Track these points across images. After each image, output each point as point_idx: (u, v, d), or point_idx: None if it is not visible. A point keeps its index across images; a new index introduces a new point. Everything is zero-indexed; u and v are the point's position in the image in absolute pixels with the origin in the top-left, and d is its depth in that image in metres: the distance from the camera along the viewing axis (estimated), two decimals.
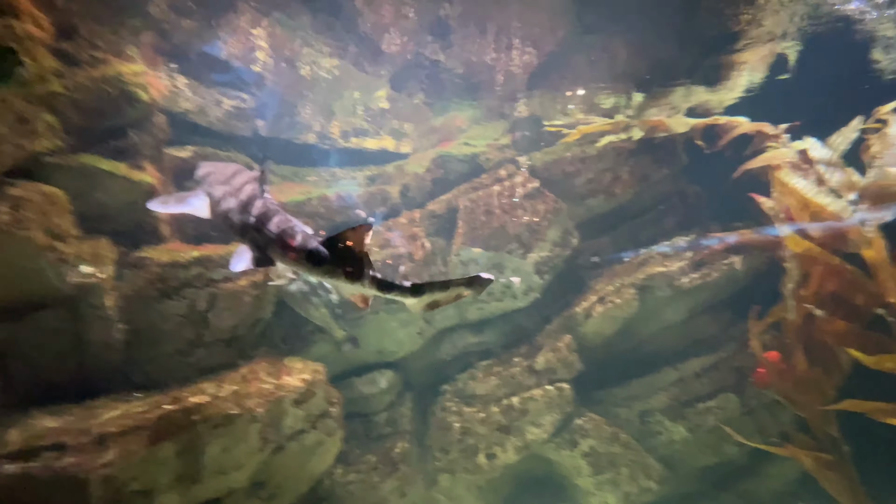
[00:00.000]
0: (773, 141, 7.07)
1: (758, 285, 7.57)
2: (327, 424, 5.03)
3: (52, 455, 2.96)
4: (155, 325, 4.25)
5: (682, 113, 8.01)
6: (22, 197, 3.21)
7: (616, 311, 7.34)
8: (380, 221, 8.17)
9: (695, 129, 7.55)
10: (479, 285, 3.20)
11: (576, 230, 8.19)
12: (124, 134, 4.81)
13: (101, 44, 4.52)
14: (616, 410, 7.76)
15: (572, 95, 8.02)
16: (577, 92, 7.99)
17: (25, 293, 3.42)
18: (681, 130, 7.62)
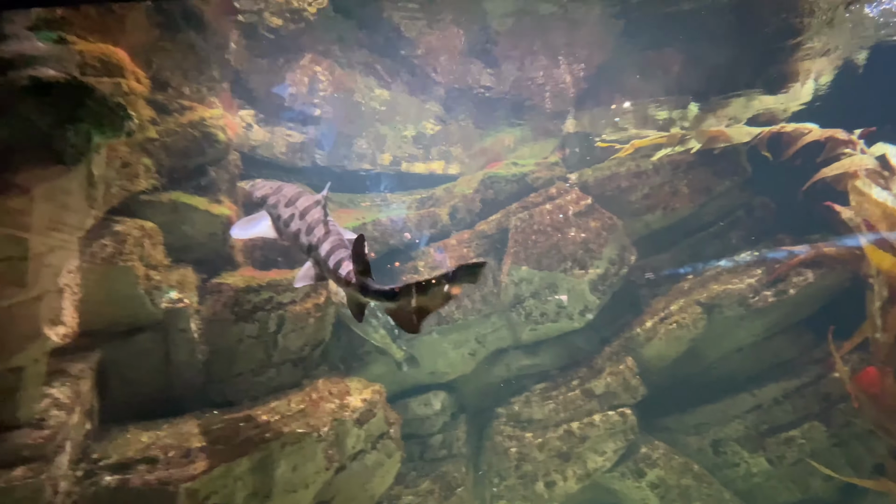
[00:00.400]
0: (847, 147, 6.53)
1: (841, 303, 6.90)
2: (387, 445, 5.05)
3: (144, 468, 3.20)
4: (231, 347, 4.52)
5: (744, 122, 7.61)
6: (123, 231, 3.61)
7: (681, 331, 6.91)
8: (425, 243, 8.26)
9: (760, 138, 7.12)
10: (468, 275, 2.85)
11: (633, 247, 7.89)
12: (205, 171, 5.27)
13: (187, 92, 5.04)
14: (686, 439, 7.22)
15: (623, 110, 7.86)
16: (628, 106, 7.82)
17: (124, 318, 3.79)
18: (742, 140, 7.21)
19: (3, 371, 2.47)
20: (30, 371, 2.60)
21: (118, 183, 3.71)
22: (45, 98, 2.63)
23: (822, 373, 6.61)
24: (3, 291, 2.32)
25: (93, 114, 2.82)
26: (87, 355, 3.48)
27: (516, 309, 7.64)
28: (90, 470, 3.19)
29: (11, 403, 2.56)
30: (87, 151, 2.73)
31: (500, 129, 8.81)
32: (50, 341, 2.57)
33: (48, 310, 2.55)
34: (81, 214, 2.74)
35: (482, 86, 7.83)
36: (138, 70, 4.12)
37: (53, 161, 2.56)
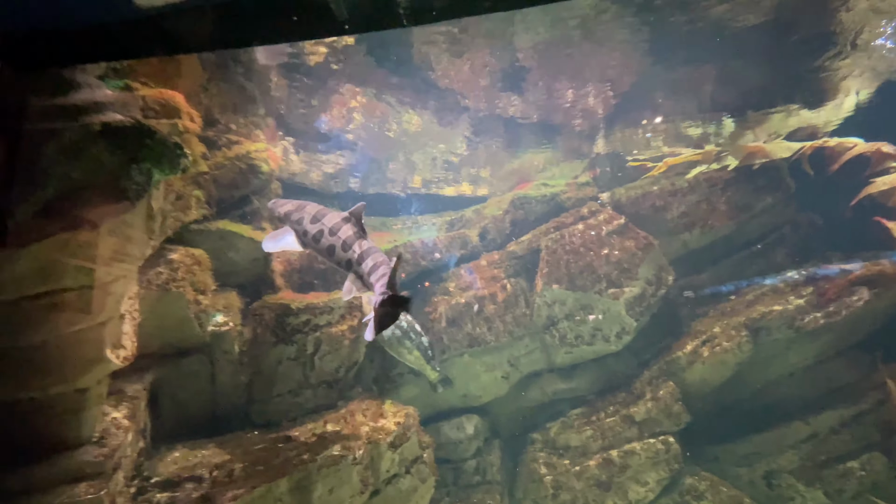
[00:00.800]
0: (895, 161, 6.20)
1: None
2: (421, 470, 5.03)
3: (191, 486, 3.33)
4: (271, 368, 4.70)
5: (783, 137, 7.37)
6: (176, 259, 3.88)
7: (726, 355, 6.61)
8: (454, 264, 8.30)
9: (802, 154, 6.87)
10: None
11: (671, 267, 7.68)
12: (249, 201, 5.60)
13: (234, 128, 5.41)
14: (735, 470, 6.82)
15: (654, 128, 7.78)
16: (659, 123, 7.73)
17: (175, 341, 4.04)
18: (782, 156, 6.98)
19: (70, 392, 2.68)
20: (93, 392, 2.80)
21: (173, 214, 4.00)
22: (114, 141, 2.90)
23: (882, 399, 6.14)
24: (73, 318, 2.54)
25: (154, 154, 3.08)
26: (142, 376, 3.70)
27: (550, 331, 7.54)
28: (142, 487, 3.35)
29: (76, 422, 2.76)
30: (148, 188, 2.98)
31: (529, 150, 8.87)
32: (112, 364, 2.77)
33: (111, 334, 2.76)
34: (142, 245, 2.97)
35: (510, 110, 7.96)
36: (192, 110, 4.48)
37: (119, 198, 2.81)
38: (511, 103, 7.75)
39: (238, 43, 3.57)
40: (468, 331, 7.58)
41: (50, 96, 2.80)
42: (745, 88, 6.71)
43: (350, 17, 2.17)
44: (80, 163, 2.78)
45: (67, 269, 2.50)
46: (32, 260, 2.39)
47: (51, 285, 2.47)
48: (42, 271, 2.43)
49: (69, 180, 2.74)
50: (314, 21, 2.18)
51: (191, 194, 4.37)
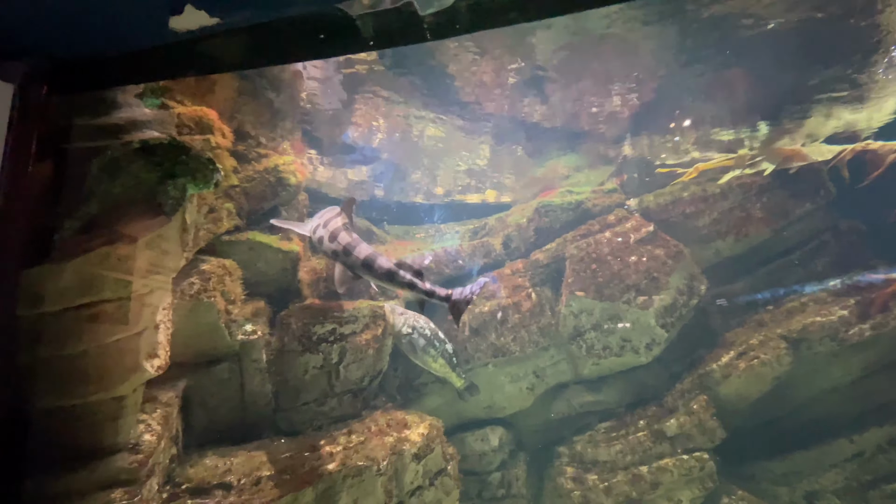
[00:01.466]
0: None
1: None
2: (445, 483, 4.99)
3: (220, 493, 3.41)
4: (297, 377, 4.77)
5: (821, 141, 7.05)
6: (208, 270, 4.01)
7: (763, 368, 6.32)
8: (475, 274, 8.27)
9: (841, 158, 6.55)
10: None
11: (703, 276, 7.43)
12: (277, 212, 5.73)
13: (264, 142, 5.58)
14: (774, 489, 6.49)
15: (684, 133, 7.58)
16: (689, 127, 7.52)
17: (206, 349, 4.17)
18: (820, 159, 6.66)
19: (108, 400, 2.79)
20: (129, 400, 2.91)
21: (205, 227, 4.13)
22: (151, 157, 3.03)
23: None
24: (112, 329, 2.65)
25: (189, 169, 3.20)
26: (175, 384, 3.81)
27: (576, 342, 7.39)
28: (173, 493, 3.44)
29: (113, 429, 2.86)
30: (183, 202, 3.10)
31: (554, 157, 8.79)
32: (147, 373, 2.87)
33: (147, 344, 2.87)
34: (176, 258, 3.09)
35: (534, 115, 7.90)
36: (224, 126, 4.64)
37: (156, 212, 2.92)
38: (534, 108, 7.70)
39: (268, 62, 3.68)
40: (492, 341, 7.51)
41: (92, 116, 2.95)
42: (781, 90, 6.46)
43: (376, 34, 2.20)
44: (121, 179, 2.91)
45: (107, 282, 2.61)
46: (75, 273, 2.51)
47: (92, 297, 2.59)
48: (84, 284, 2.55)
49: (110, 196, 2.87)
50: (341, 39, 2.23)
51: (222, 207, 4.51)
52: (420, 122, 8.45)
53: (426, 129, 8.56)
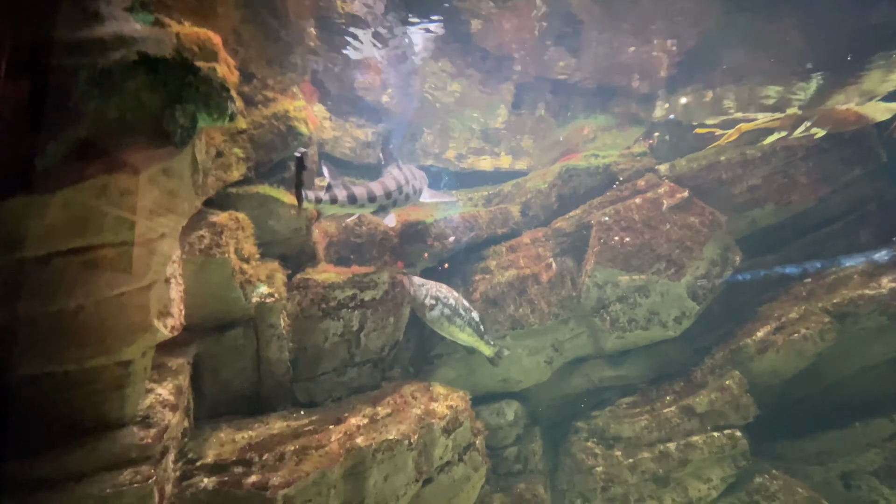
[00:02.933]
0: None
1: None
2: (473, 458, 4.66)
3: (241, 470, 3.01)
4: (317, 345, 4.35)
5: (880, 99, 6.49)
6: (219, 223, 3.49)
7: (805, 343, 5.98)
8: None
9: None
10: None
11: (737, 247, 7.03)
12: (286, 166, 5.15)
13: (271, 84, 4.96)
14: (805, 469, 6.27)
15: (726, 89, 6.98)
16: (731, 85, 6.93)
17: (218, 312, 3.70)
18: (881, 119, 6.12)
19: (111, 365, 2.33)
20: (137, 365, 2.44)
21: (214, 173, 3.59)
22: (154, 76, 2.48)
23: None
24: (113, 279, 2.16)
25: (199, 94, 2.65)
26: (185, 350, 3.36)
27: (600, 314, 7.02)
28: (187, 471, 3.04)
29: (118, 400, 2.41)
30: (193, 133, 2.57)
31: (579, 117, 8.19)
32: (160, 333, 2.40)
33: (157, 300, 2.38)
34: (188, 200, 2.58)
35: (560, 70, 7.25)
36: (229, 58, 4.03)
37: (162, 142, 2.40)
38: (562, 63, 7.06)
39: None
40: (510, 312, 7.12)
41: (74, 29, 2.38)
42: (837, 41, 5.86)
43: None
44: (116, 99, 2.37)
45: (106, 221, 2.11)
46: (65, 207, 2.00)
47: (87, 239, 2.09)
48: (76, 221, 2.04)
49: (105, 120, 2.33)
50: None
51: (230, 152, 3.96)
52: (436, 77, 7.79)
53: (443, 84, 7.91)
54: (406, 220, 7.52)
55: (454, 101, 8.44)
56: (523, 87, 7.80)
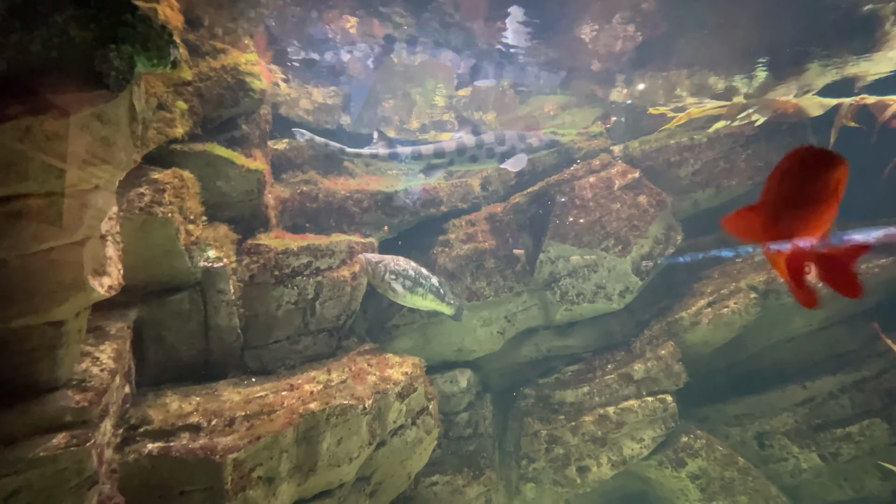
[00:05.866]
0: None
1: None
2: (426, 422, 4.79)
3: (187, 436, 2.93)
4: (269, 312, 4.23)
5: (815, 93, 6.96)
6: (161, 180, 3.26)
7: (732, 317, 6.52)
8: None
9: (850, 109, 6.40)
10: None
11: (679, 226, 7.45)
12: (236, 124, 4.86)
13: (220, 33, 4.60)
14: (726, 430, 6.93)
15: (679, 75, 7.25)
16: (684, 72, 7.20)
17: (161, 275, 3.49)
18: (815, 113, 6.60)
19: (41, 325, 2.16)
20: (70, 326, 2.29)
21: (155, 125, 3.34)
22: (83, 9, 2.23)
23: (885, 367, 6.21)
24: (41, 232, 1.99)
25: (137, 34, 2.42)
26: (125, 313, 3.18)
27: (551, 288, 7.30)
28: (129, 437, 2.93)
29: (50, 362, 2.25)
30: (130, 77, 2.35)
31: (541, 94, 8.25)
32: (95, 293, 2.24)
33: (92, 258, 2.22)
34: (124, 151, 2.38)
35: (524, 46, 7.24)
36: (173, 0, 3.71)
37: (94, 84, 2.19)
38: (525, 38, 7.03)
39: None
40: (467, 284, 7.27)
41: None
42: (784, 35, 6.19)
43: None
44: (41, 33, 2.13)
45: (31, 167, 1.92)
46: None
47: (10, 187, 1.89)
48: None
49: (28, 54, 2.09)
50: None
51: (174, 104, 3.68)
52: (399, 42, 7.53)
53: (405, 52, 7.68)
54: (365, 189, 7.39)
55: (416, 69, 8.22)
56: (488, 58, 7.71)
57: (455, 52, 7.61)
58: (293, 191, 6.77)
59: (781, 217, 1.60)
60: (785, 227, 1.63)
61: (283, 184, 6.85)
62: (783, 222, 1.61)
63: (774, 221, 1.64)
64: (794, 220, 1.58)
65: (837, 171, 1.49)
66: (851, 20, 5.64)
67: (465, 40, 7.22)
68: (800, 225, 1.60)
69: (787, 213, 1.58)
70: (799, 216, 1.58)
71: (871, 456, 5.90)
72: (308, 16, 6.62)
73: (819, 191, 1.51)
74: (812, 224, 1.60)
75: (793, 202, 1.56)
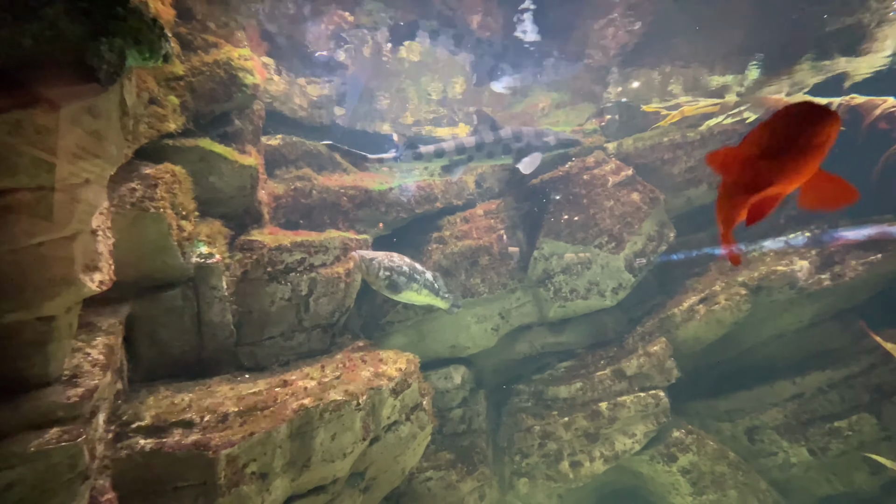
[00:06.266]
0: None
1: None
2: (420, 417, 4.81)
3: (180, 431, 2.92)
4: (263, 308, 4.22)
5: (806, 91, 7.02)
6: (153, 175, 3.23)
7: (723, 314, 6.58)
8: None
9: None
10: None
11: (672, 224, 7.50)
12: (229, 120, 4.83)
13: (213, 27, 4.55)
14: (717, 425, 7.01)
15: (673, 73, 7.28)
16: (679, 68, 7.23)
17: (153, 271, 3.47)
18: None
19: (31, 320, 2.15)
20: (61, 321, 2.28)
21: (147, 120, 3.31)
22: (74, 3, 2.21)
23: (874, 363, 6.29)
24: (31, 227, 1.98)
25: (128, 28, 2.40)
26: (116, 309, 3.16)
27: (545, 284, 7.34)
28: (122, 433, 2.92)
29: (41, 357, 2.24)
30: (121, 71, 2.34)
31: (535, 91, 8.25)
32: (86, 288, 2.23)
33: (83, 253, 2.20)
34: (115, 145, 2.37)
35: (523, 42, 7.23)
36: None
37: (85, 78, 2.17)
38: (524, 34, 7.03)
39: None
40: (462, 281, 7.29)
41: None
42: (777, 35, 6.23)
43: None
44: (32, 27, 2.11)
45: (21, 161, 1.90)
46: None
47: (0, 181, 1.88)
48: None
49: (18, 48, 2.07)
50: None
51: (166, 99, 3.65)
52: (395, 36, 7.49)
53: (401, 47, 7.64)
54: (360, 186, 7.38)
55: (412, 64, 8.19)
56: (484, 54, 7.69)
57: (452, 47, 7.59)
58: (287, 187, 6.75)
59: (765, 162, 1.61)
60: (765, 172, 1.63)
61: (276, 180, 6.83)
62: (765, 167, 1.62)
63: (756, 164, 1.64)
64: (777, 167, 1.59)
65: (828, 126, 1.48)
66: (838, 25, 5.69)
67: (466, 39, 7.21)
68: (781, 173, 1.60)
69: (772, 159, 1.59)
70: (782, 165, 1.58)
71: (860, 450, 5.99)
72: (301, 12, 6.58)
73: (807, 142, 1.50)
74: (792, 174, 1.60)
75: (779, 150, 1.56)
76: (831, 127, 1.49)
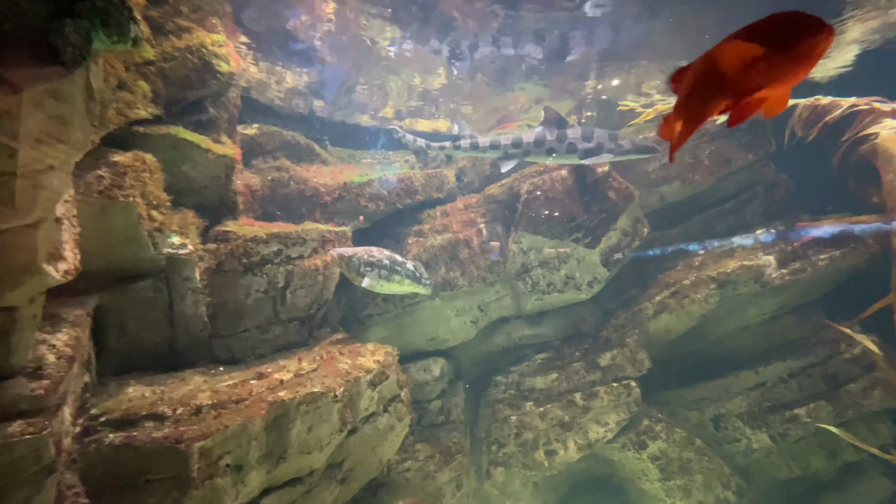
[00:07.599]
0: (888, 118, 6.19)
1: (855, 284, 6.87)
2: (398, 409, 4.84)
3: (151, 425, 2.87)
4: (238, 300, 4.16)
5: None
6: (122, 163, 3.12)
7: (693, 306, 6.81)
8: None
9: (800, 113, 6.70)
10: None
11: (646, 219, 7.69)
12: (203, 108, 4.70)
13: (185, 11, 4.41)
14: (685, 413, 7.27)
15: (649, 72, 7.43)
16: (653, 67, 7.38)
17: (123, 261, 3.35)
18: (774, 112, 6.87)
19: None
20: (24, 312, 2.20)
21: (115, 106, 3.20)
22: None
23: (830, 353, 6.63)
24: None
25: (94, 10, 2.32)
26: (83, 300, 3.07)
27: (522, 278, 7.44)
28: (90, 427, 2.85)
29: (4, 349, 2.16)
30: (87, 54, 2.26)
31: (516, 86, 8.30)
32: (50, 277, 2.16)
33: (46, 241, 2.13)
34: (80, 131, 2.29)
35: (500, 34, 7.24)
36: None
37: (49, 60, 2.09)
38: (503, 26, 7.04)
39: None
40: (441, 274, 7.32)
41: None
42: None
43: None
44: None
45: None
46: None
47: None
48: None
49: None
50: None
51: (135, 84, 3.54)
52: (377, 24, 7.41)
53: (383, 36, 7.56)
54: (339, 178, 7.30)
55: (392, 55, 8.11)
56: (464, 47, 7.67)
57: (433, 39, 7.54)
58: (264, 178, 6.63)
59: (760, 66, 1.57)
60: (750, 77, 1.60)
61: (253, 170, 6.69)
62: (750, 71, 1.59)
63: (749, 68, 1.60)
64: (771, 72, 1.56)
65: (826, 36, 1.46)
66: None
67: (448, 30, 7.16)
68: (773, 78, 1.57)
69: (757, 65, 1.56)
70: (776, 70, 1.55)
71: (817, 436, 6.32)
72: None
73: (806, 51, 1.49)
74: (786, 79, 1.58)
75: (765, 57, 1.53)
76: (828, 38, 1.47)
